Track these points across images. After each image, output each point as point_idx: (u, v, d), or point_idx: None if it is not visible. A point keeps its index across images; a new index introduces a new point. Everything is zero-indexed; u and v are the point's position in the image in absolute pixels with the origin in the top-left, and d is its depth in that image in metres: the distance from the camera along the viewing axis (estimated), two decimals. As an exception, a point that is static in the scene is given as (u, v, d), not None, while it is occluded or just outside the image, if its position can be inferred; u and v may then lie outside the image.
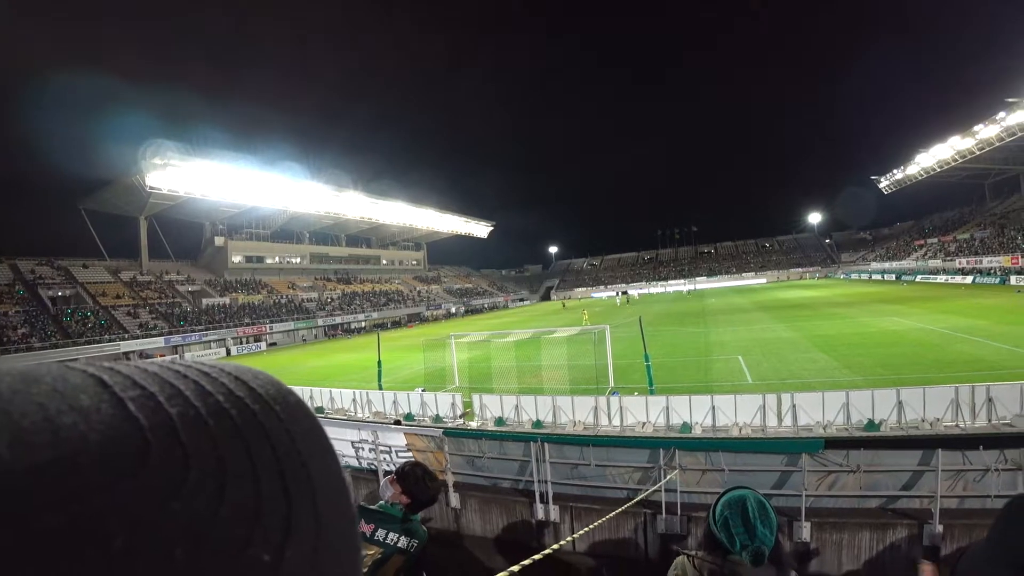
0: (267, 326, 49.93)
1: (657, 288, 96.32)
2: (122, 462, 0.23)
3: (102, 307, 42.92)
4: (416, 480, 2.54)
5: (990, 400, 8.99)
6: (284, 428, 0.30)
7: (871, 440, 6.56)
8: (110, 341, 38.31)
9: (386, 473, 7.57)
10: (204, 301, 50.62)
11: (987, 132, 53.91)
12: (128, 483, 0.22)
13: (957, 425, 9.03)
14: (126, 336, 39.75)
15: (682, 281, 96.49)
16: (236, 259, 60.72)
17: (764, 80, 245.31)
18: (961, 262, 54.58)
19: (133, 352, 39.20)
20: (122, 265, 52.37)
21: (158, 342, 40.83)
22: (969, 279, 49.39)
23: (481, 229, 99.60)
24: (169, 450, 0.24)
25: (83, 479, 0.21)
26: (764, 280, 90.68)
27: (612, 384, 14.88)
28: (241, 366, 0.34)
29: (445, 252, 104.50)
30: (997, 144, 54.42)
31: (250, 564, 0.24)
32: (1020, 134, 50.45)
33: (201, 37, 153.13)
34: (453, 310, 76.92)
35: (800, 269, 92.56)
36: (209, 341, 44.55)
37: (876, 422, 9.29)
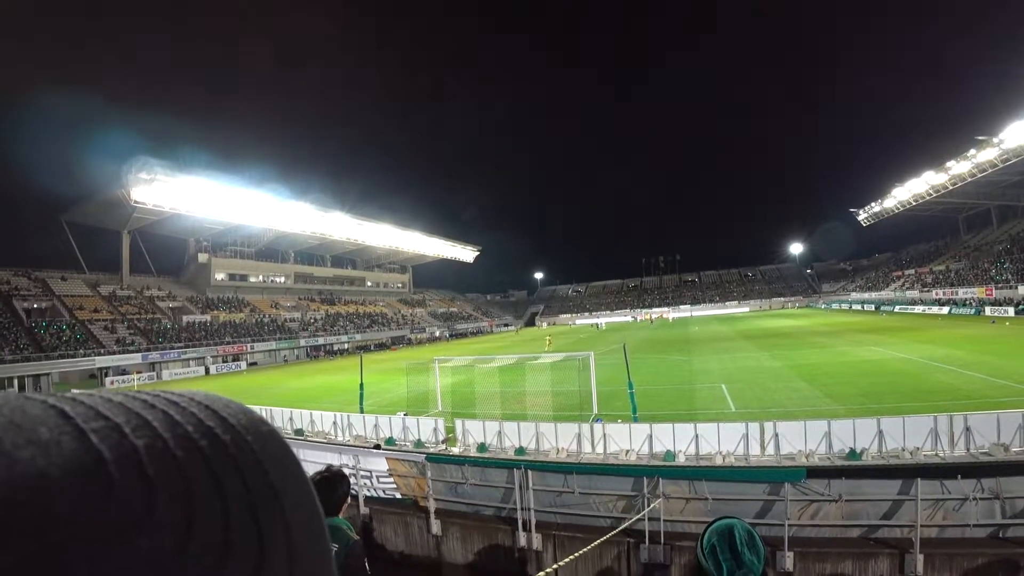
0: (248, 345, 49.15)
1: (621, 317, 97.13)
2: (83, 497, 0.22)
3: (79, 321, 41.87)
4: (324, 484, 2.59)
5: (968, 429, 9.12)
6: (256, 459, 0.29)
7: (852, 469, 6.62)
8: (85, 356, 37.41)
9: (367, 499, 7.43)
10: (185, 318, 49.75)
11: (959, 168, 55.63)
12: (89, 519, 0.22)
13: (936, 454, 9.11)
14: (102, 351, 38.82)
15: (664, 309, 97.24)
16: (219, 276, 59.90)
17: (746, 114, 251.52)
18: (938, 293, 55.79)
19: (109, 368, 38.28)
20: (102, 279, 51.33)
21: (135, 358, 39.94)
22: (945, 310, 50.59)
23: (467, 253, 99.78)
24: (133, 484, 0.24)
25: (41, 516, 0.21)
26: (747, 309, 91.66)
27: (596, 411, 14.82)
28: (212, 395, 0.33)
29: (431, 275, 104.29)
30: (969, 179, 56.13)
31: None
32: (990, 170, 52.25)
33: (190, 58, 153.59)
34: (438, 334, 76.45)
35: (782, 299, 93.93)
36: (188, 359, 43.66)
37: (857, 451, 9.35)
